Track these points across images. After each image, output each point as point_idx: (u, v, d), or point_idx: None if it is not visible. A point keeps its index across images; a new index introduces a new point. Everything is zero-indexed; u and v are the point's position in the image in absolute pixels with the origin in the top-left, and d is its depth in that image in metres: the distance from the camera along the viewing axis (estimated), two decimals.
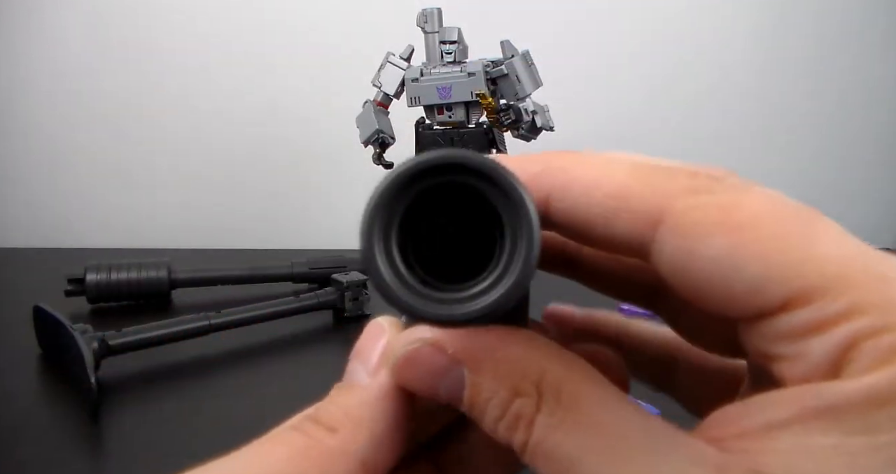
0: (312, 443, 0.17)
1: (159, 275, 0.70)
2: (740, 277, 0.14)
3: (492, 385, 0.16)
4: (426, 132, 0.58)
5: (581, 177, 0.17)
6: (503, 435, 0.16)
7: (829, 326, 0.14)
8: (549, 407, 0.15)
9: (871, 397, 0.13)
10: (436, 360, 0.17)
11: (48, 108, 0.97)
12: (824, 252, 0.14)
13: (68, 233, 0.98)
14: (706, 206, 0.15)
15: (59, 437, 0.47)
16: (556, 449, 0.15)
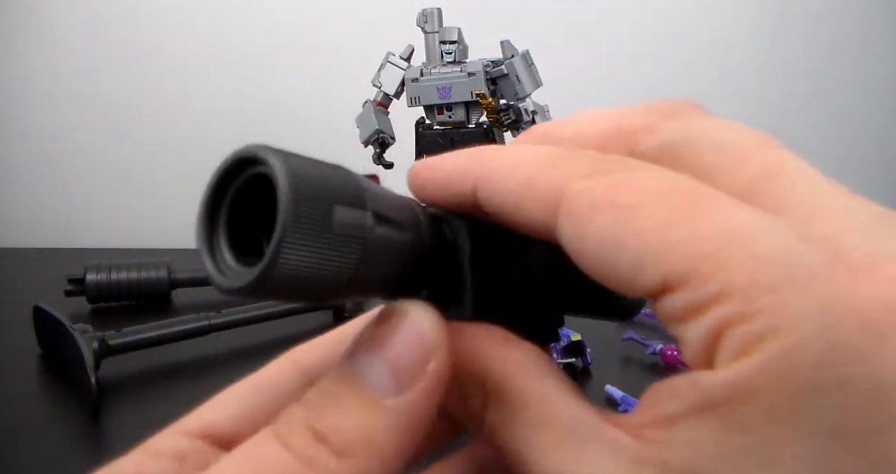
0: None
1: (159, 275, 0.71)
2: (622, 258, 0.14)
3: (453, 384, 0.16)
4: (426, 132, 0.58)
5: (497, 168, 0.17)
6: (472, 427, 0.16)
7: (700, 312, 0.13)
8: (494, 405, 0.16)
9: (736, 393, 0.13)
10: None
11: (48, 108, 0.97)
12: (705, 230, 0.13)
13: (68, 233, 0.98)
14: (595, 187, 0.15)
15: (59, 437, 0.47)
16: (506, 444, 0.15)
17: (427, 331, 0.15)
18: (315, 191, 0.14)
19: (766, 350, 0.12)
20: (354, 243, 0.15)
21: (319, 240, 0.14)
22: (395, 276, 0.17)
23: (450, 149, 0.64)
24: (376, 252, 0.16)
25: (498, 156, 0.17)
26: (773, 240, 0.13)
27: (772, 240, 0.13)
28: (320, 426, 0.14)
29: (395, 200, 0.17)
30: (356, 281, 0.15)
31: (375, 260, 0.16)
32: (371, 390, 0.15)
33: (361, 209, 0.15)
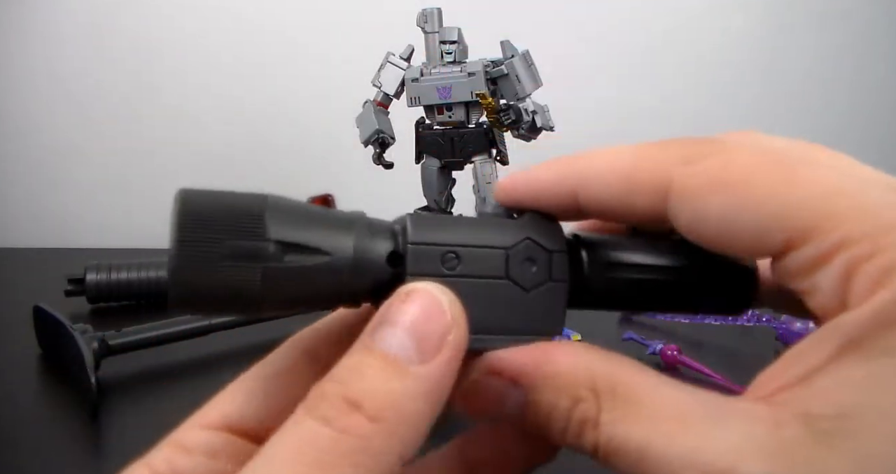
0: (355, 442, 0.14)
1: (159, 275, 0.70)
2: (743, 228, 0.16)
3: (550, 399, 0.17)
4: (426, 132, 0.58)
5: (596, 169, 0.19)
6: (573, 443, 0.17)
7: (828, 258, 0.15)
8: (608, 405, 0.16)
9: (879, 321, 0.14)
10: (494, 387, 0.18)
11: (48, 109, 0.97)
12: (811, 192, 0.15)
13: (68, 233, 0.98)
14: (700, 173, 0.17)
15: (59, 437, 0.47)
16: (625, 443, 0.15)
17: (445, 303, 0.16)
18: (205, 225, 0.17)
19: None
20: (250, 268, 0.17)
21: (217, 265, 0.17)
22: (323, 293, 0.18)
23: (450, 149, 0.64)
24: (287, 275, 0.18)
25: (593, 159, 0.19)
26: (871, 192, 0.15)
27: (870, 192, 0.15)
28: (351, 395, 0.15)
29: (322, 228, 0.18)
30: (268, 300, 0.18)
31: (287, 280, 0.18)
32: (397, 359, 0.15)
33: (259, 240, 0.17)
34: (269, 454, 0.15)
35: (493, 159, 0.57)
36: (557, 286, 0.20)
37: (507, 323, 0.19)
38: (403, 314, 0.16)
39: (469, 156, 0.57)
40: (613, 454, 0.16)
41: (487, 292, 0.19)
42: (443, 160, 0.58)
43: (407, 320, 0.16)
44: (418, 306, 0.16)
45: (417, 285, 0.17)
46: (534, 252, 0.19)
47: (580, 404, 0.16)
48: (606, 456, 0.16)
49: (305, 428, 0.15)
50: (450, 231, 0.19)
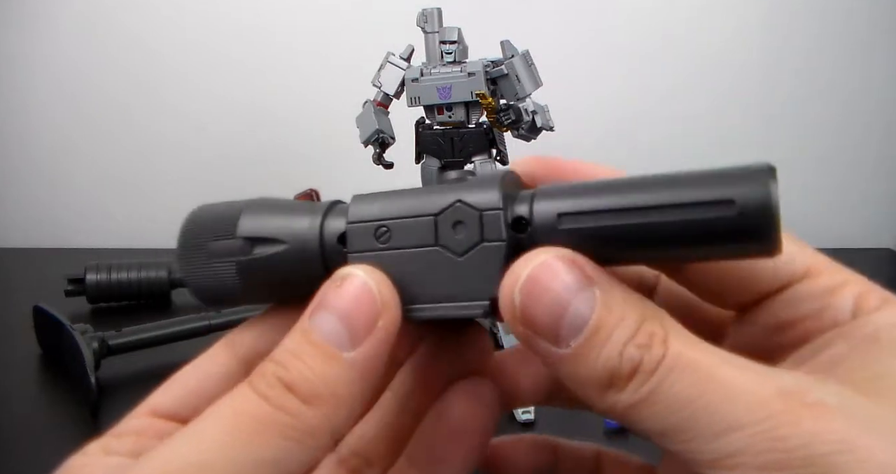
0: (288, 421, 0.16)
1: (159, 275, 0.71)
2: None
3: (623, 306, 0.16)
4: (426, 132, 0.58)
5: None
6: (632, 357, 0.16)
7: (839, 289, 0.18)
8: (676, 329, 0.16)
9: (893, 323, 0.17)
10: (570, 273, 0.16)
11: (48, 109, 0.97)
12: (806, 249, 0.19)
13: (68, 233, 0.98)
14: None
15: (59, 437, 0.47)
16: (697, 361, 0.15)
17: (375, 289, 0.17)
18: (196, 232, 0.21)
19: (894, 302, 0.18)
20: (227, 263, 0.20)
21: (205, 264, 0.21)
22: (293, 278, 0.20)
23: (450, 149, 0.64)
24: (256, 266, 0.20)
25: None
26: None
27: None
28: (288, 378, 0.16)
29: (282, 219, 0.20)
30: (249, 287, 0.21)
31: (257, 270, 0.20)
32: (329, 345, 0.17)
33: (230, 238, 0.20)
34: (205, 417, 0.16)
35: (493, 159, 0.57)
36: (492, 247, 0.18)
37: (443, 290, 0.18)
38: (337, 299, 0.17)
39: (469, 156, 0.57)
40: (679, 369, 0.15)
41: (421, 262, 0.19)
42: (443, 160, 0.58)
43: (339, 306, 0.17)
44: (349, 292, 0.17)
45: (350, 269, 0.18)
46: (463, 214, 0.18)
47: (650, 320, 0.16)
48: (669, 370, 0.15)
49: (244, 399, 0.16)
50: (383, 205, 0.19)
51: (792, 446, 0.14)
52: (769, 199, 0.15)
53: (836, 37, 0.93)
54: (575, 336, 0.16)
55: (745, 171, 0.16)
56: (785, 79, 0.94)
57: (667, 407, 0.15)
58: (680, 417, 0.15)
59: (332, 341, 0.17)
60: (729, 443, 0.15)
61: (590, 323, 0.16)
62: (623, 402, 0.16)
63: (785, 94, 0.94)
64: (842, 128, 0.95)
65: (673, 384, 0.15)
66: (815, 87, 0.94)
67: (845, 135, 0.95)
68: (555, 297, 0.16)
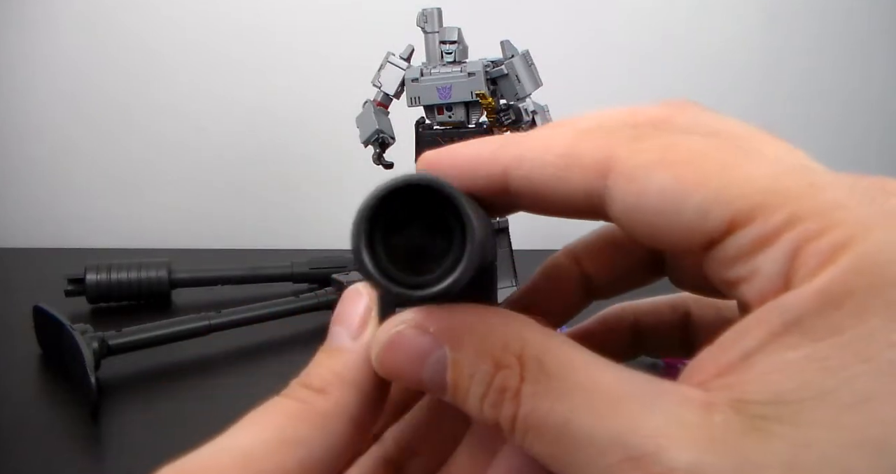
0: (305, 407, 0.18)
1: (159, 275, 0.70)
2: (684, 207, 0.15)
3: (473, 360, 0.16)
4: (426, 132, 0.58)
5: (532, 145, 0.18)
6: (489, 415, 0.16)
7: (772, 239, 0.14)
8: (532, 376, 0.15)
9: (826, 299, 0.13)
10: (418, 342, 0.17)
11: (48, 109, 0.97)
12: (759, 172, 0.15)
13: (68, 233, 0.98)
14: (647, 149, 0.16)
15: (59, 437, 0.47)
16: (545, 417, 0.15)
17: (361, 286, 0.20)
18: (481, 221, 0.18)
19: (852, 253, 0.13)
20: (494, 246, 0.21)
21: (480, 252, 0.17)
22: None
23: None
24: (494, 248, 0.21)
25: (531, 135, 0.18)
26: (820, 173, 0.15)
27: (820, 173, 0.15)
28: (306, 380, 0.19)
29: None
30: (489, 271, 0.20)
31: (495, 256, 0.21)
32: (336, 346, 0.19)
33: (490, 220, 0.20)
34: (246, 418, 0.18)
35: None
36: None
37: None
38: (337, 311, 0.20)
39: None
40: (532, 429, 0.15)
41: None
42: None
43: (338, 315, 0.20)
44: (344, 300, 0.20)
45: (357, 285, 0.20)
46: None
47: (503, 371, 0.16)
48: (523, 430, 0.15)
49: (275, 401, 0.18)
50: None
51: None
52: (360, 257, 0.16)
53: (835, 37, 0.93)
54: (442, 392, 0.17)
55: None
56: (785, 79, 0.94)
57: (540, 459, 0.15)
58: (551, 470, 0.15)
59: (336, 341, 0.19)
60: None
61: (447, 385, 0.17)
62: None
63: (784, 94, 0.94)
64: (841, 129, 0.95)
65: (531, 444, 0.15)
66: (815, 88, 0.94)
67: (845, 135, 0.95)
68: (407, 371, 0.17)
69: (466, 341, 0.16)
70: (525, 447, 0.15)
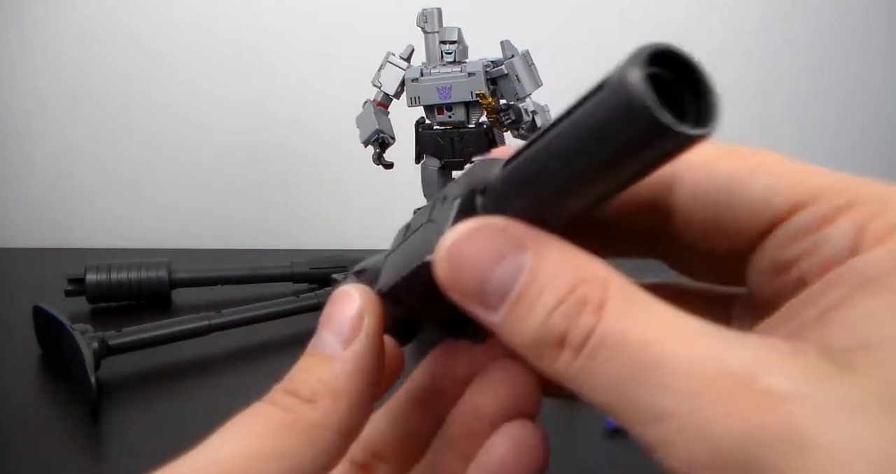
0: (294, 417, 0.17)
1: (159, 275, 0.70)
2: (751, 188, 0.17)
3: (556, 268, 0.15)
4: (426, 132, 0.58)
5: None
6: (557, 324, 0.14)
7: (837, 216, 0.15)
8: (618, 295, 0.14)
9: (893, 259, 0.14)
10: (500, 240, 0.16)
11: (48, 109, 0.97)
12: (810, 169, 0.17)
13: (68, 233, 0.98)
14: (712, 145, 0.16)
15: (59, 437, 0.47)
16: (629, 333, 0.14)
17: (356, 295, 0.19)
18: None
19: None
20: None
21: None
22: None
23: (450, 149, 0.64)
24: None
25: None
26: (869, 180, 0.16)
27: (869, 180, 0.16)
28: (292, 387, 0.18)
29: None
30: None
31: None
32: (325, 353, 0.19)
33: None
34: (226, 426, 0.18)
35: None
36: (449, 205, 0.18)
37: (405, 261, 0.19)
38: (325, 315, 0.19)
39: (469, 156, 0.57)
40: (611, 345, 0.14)
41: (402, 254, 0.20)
42: (443, 160, 0.58)
43: (328, 319, 0.19)
44: (334, 305, 0.19)
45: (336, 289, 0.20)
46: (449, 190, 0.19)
47: (586, 284, 0.15)
48: (598, 347, 0.14)
49: (257, 408, 0.18)
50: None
51: (722, 446, 0.12)
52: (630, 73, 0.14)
53: (834, 37, 0.93)
54: (502, 303, 0.15)
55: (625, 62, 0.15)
56: (783, 79, 0.94)
57: (599, 386, 0.14)
58: (614, 397, 0.14)
59: (326, 348, 0.19)
60: (658, 432, 0.13)
61: (514, 288, 0.15)
62: (560, 374, 0.15)
63: (783, 93, 0.94)
64: (840, 129, 0.95)
65: (602, 362, 0.14)
66: (814, 87, 0.94)
67: (844, 136, 0.95)
68: (478, 265, 0.16)
69: (552, 251, 0.15)
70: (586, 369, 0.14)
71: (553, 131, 0.15)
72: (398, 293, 0.19)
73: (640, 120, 0.14)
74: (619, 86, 0.14)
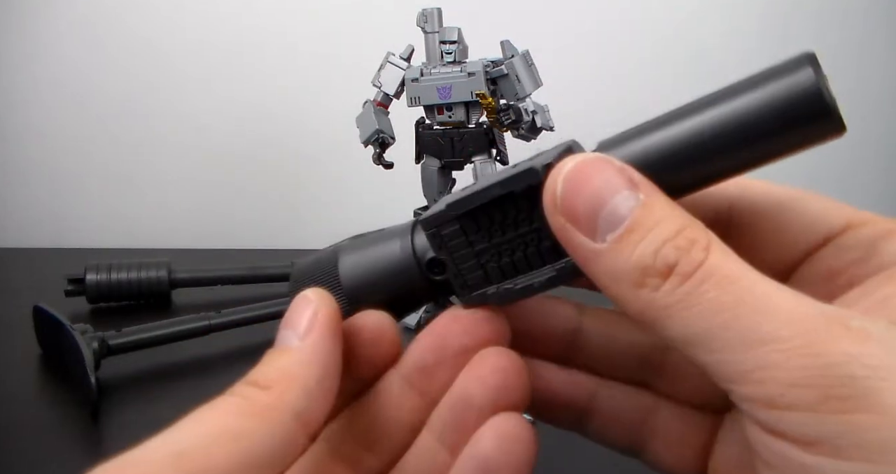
0: (248, 402, 0.18)
1: (159, 275, 0.70)
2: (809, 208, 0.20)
3: (666, 210, 0.16)
4: (426, 132, 0.58)
5: None
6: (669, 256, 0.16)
7: (888, 235, 0.18)
8: (718, 246, 0.16)
9: None
10: (620, 175, 0.17)
11: (48, 109, 0.97)
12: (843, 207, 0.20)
13: (68, 233, 0.98)
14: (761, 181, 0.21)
15: (59, 437, 0.47)
16: (736, 273, 0.15)
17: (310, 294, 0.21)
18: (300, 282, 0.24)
19: None
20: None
21: None
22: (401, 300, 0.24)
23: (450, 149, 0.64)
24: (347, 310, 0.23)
25: None
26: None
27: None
28: (252, 378, 0.19)
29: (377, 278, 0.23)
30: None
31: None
32: (283, 346, 0.20)
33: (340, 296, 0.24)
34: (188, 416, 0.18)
35: (493, 159, 0.57)
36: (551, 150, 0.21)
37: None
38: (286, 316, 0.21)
39: (469, 156, 0.57)
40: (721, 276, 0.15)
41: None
42: (443, 160, 0.58)
43: (286, 319, 0.20)
44: (292, 306, 0.21)
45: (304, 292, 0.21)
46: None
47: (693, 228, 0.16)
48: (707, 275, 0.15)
49: (218, 400, 0.19)
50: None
51: (828, 363, 0.14)
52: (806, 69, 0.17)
53: (834, 36, 0.93)
54: (612, 230, 0.16)
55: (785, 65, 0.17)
56: None
57: (699, 313, 0.15)
58: (712, 324, 0.15)
59: (283, 342, 0.20)
60: (760, 356, 0.14)
61: (629, 218, 0.16)
62: (655, 303, 0.16)
63: None
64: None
65: (709, 289, 0.15)
66: None
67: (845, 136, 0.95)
68: (596, 190, 0.17)
69: (662, 197, 0.17)
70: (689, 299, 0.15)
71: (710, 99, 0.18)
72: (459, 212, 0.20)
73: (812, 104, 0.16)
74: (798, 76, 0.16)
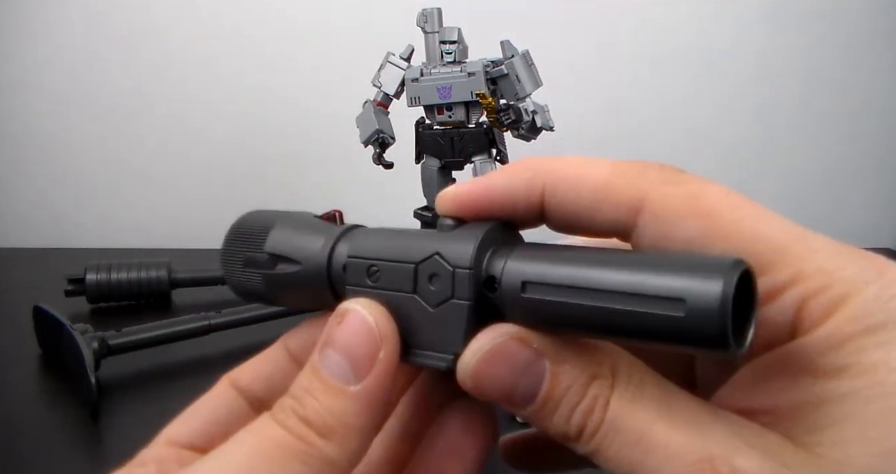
0: (306, 449, 0.17)
1: (159, 275, 0.71)
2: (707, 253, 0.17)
3: (572, 373, 0.17)
4: (426, 132, 0.58)
5: (568, 175, 0.19)
6: (577, 422, 0.17)
7: (779, 293, 0.16)
8: (623, 386, 0.17)
9: (829, 343, 0.16)
10: (521, 354, 0.18)
11: (48, 108, 0.97)
12: (771, 232, 0.17)
13: (68, 233, 0.98)
14: (677, 196, 0.18)
15: (59, 437, 0.47)
16: (629, 420, 0.16)
17: (373, 323, 0.18)
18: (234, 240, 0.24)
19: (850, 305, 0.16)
20: (256, 274, 0.23)
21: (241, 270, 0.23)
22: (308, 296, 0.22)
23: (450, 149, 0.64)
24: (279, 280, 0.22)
25: (566, 166, 0.19)
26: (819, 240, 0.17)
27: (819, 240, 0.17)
28: (303, 413, 0.18)
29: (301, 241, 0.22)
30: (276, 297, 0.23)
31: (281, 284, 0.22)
32: (335, 381, 0.18)
33: (259, 252, 0.22)
34: (230, 443, 0.17)
35: (493, 159, 0.57)
36: (459, 305, 0.19)
37: (421, 336, 0.19)
38: (339, 336, 0.18)
39: (469, 156, 0.57)
40: (613, 432, 0.16)
41: (403, 306, 0.19)
42: (443, 160, 0.58)
43: (341, 343, 0.18)
44: (349, 328, 0.18)
45: (349, 304, 0.19)
46: (438, 267, 0.19)
47: (597, 380, 0.17)
48: (606, 434, 0.17)
49: (267, 427, 0.18)
50: (379, 244, 0.20)
51: None
52: (718, 304, 0.15)
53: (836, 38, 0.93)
54: (528, 404, 0.18)
55: (706, 266, 0.15)
56: (786, 79, 0.94)
57: (612, 463, 0.17)
58: (625, 467, 0.16)
59: (337, 376, 0.18)
60: None
61: (539, 395, 0.17)
62: (584, 449, 0.17)
63: (786, 93, 0.94)
64: (841, 129, 0.95)
65: (610, 444, 0.16)
66: (817, 88, 0.94)
67: (845, 136, 0.95)
68: (502, 382, 0.18)
69: (566, 357, 0.18)
70: (600, 451, 0.17)
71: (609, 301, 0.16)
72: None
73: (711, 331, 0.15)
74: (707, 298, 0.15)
